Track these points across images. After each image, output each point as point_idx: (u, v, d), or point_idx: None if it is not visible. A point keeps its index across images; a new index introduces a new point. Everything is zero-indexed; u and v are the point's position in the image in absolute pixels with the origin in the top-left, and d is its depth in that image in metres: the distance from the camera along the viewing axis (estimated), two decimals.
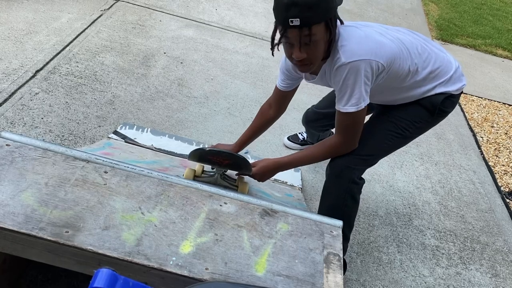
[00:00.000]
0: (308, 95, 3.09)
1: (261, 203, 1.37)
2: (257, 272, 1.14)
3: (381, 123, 1.73)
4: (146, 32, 3.32)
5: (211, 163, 1.61)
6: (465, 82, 1.69)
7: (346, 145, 1.63)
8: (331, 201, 1.74)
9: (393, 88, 1.61)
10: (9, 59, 2.62)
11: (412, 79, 1.58)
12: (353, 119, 1.54)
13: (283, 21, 1.32)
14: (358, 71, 1.42)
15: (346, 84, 1.46)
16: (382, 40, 1.47)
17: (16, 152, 1.29)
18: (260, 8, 4.32)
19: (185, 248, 1.15)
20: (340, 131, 1.60)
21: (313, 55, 1.41)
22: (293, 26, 1.31)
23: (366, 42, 1.44)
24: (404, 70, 1.54)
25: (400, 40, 1.53)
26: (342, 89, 1.48)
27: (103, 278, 0.75)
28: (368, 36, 1.46)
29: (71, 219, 1.14)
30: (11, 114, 2.24)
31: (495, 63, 4.67)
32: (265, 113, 1.88)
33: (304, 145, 2.59)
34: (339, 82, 1.47)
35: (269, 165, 1.70)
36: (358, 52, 1.42)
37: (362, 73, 1.43)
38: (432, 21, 5.29)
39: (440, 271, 2.10)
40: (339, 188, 1.71)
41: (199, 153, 1.50)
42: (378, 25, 1.58)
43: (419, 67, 1.57)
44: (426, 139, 3.06)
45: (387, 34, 1.52)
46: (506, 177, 2.92)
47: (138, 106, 2.57)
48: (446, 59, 1.65)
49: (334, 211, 1.71)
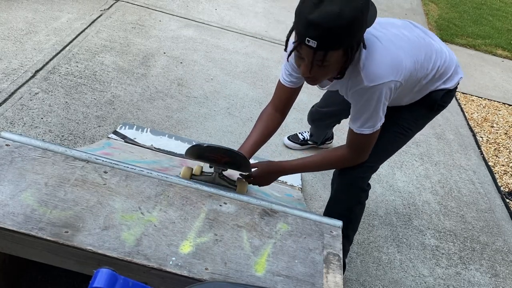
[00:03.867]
0: (308, 95, 3.09)
1: (261, 203, 1.37)
2: (257, 272, 1.14)
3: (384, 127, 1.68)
4: (146, 32, 3.32)
5: (210, 160, 1.58)
6: (462, 75, 1.66)
7: (357, 160, 1.59)
8: (340, 210, 1.74)
9: (401, 95, 1.58)
10: (9, 59, 2.62)
11: (420, 84, 1.56)
12: (367, 140, 1.51)
13: (300, 36, 1.22)
14: (380, 94, 1.38)
15: (365, 106, 1.41)
16: (401, 56, 1.41)
17: (15, 152, 1.29)
18: (260, 8, 4.32)
19: (184, 248, 1.15)
20: (352, 147, 1.56)
21: (321, 77, 1.34)
22: (308, 45, 1.21)
23: (387, 61, 1.37)
24: (416, 80, 1.52)
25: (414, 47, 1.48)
26: (360, 111, 1.44)
27: (103, 278, 0.75)
28: (388, 51, 1.39)
29: (70, 219, 1.14)
30: (10, 114, 2.24)
31: (495, 63, 4.67)
32: (273, 116, 1.69)
33: (304, 145, 2.59)
34: (358, 104, 1.43)
35: (271, 169, 1.63)
36: (380, 74, 1.35)
37: (383, 96, 1.39)
38: (432, 21, 5.29)
39: (440, 271, 2.10)
40: (351, 198, 1.72)
41: (197, 149, 1.45)
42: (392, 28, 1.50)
43: (428, 73, 1.55)
44: (426, 139, 3.06)
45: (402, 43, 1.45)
46: (506, 177, 2.92)
47: (137, 106, 2.57)
48: (449, 57, 1.62)
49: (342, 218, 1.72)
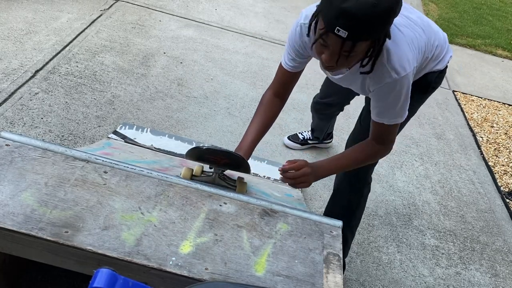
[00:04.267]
0: (308, 95, 3.09)
1: (261, 203, 1.37)
2: (257, 272, 1.14)
3: None
4: (146, 32, 3.32)
5: (209, 162, 1.58)
6: (452, 53, 1.64)
7: (390, 149, 1.55)
8: (344, 203, 1.76)
9: None
10: (9, 59, 2.61)
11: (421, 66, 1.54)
12: (397, 128, 1.49)
13: (329, 25, 1.14)
14: (408, 82, 1.36)
15: (397, 98, 1.39)
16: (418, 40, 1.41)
17: (15, 152, 1.29)
18: (260, 8, 4.31)
19: (184, 248, 1.15)
20: (386, 139, 1.52)
21: (343, 66, 1.29)
22: (338, 35, 1.14)
23: (409, 49, 1.36)
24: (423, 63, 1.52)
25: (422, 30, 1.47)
26: (391, 104, 1.40)
27: (102, 278, 0.75)
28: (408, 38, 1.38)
29: (70, 219, 1.14)
30: (10, 114, 2.24)
31: (495, 63, 4.67)
32: (272, 103, 1.59)
33: (304, 144, 2.59)
34: (387, 98, 1.39)
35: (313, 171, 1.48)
36: (407, 64, 1.34)
37: (410, 82, 1.38)
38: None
39: (440, 271, 2.10)
40: (357, 192, 1.74)
41: (197, 151, 1.47)
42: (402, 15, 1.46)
43: (430, 55, 1.53)
44: (426, 139, 3.06)
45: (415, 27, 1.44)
46: (506, 177, 2.92)
47: (137, 106, 2.57)
48: (442, 35, 1.59)
49: (347, 212, 1.74)
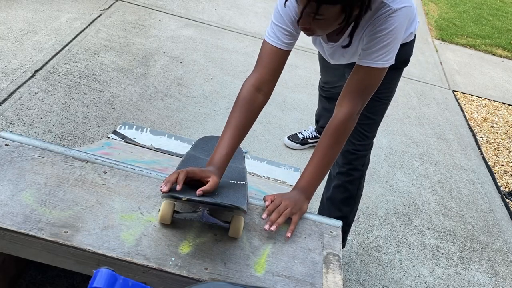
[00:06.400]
0: (308, 95, 3.09)
1: (261, 203, 1.37)
2: (257, 272, 1.14)
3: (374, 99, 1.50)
4: (146, 31, 3.32)
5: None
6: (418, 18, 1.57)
7: (359, 112, 1.34)
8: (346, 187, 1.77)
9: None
10: (8, 59, 2.61)
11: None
12: (379, 77, 1.31)
13: None
14: (406, 17, 1.26)
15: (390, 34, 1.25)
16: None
17: (15, 152, 1.29)
18: (260, 8, 4.31)
19: (184, 248, 1.15)
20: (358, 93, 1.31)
21: (316, 31, 1.21)
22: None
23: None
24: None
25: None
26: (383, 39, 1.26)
27: (102, 278, 0.75)
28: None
29: (70, 219, 1.14)
30: (10, 114, 2.24)
31: (494, 63, 4.67)
32: (252, 100, 1.29)
33: (304, 144, 2.59)
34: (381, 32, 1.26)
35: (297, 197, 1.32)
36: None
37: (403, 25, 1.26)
38: (431, 21, 5.29)
39: (440, 271, 2.10)
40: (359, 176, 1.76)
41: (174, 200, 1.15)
42: None
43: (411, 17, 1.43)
44: (426, 139, 3.06)
45: None
46: (505, 177, 2.92)
47: (137, 106, 2.56)
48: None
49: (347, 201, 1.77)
